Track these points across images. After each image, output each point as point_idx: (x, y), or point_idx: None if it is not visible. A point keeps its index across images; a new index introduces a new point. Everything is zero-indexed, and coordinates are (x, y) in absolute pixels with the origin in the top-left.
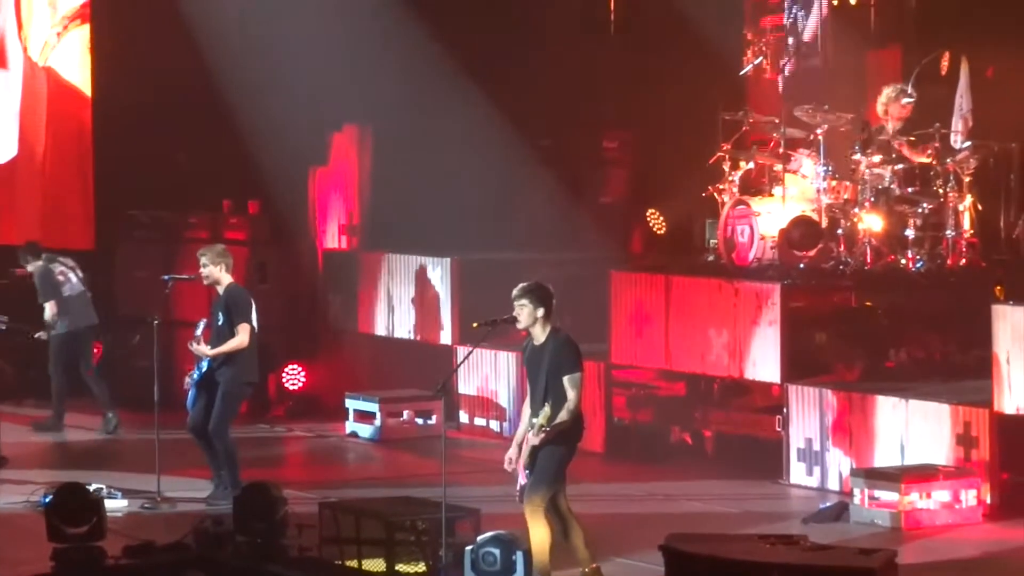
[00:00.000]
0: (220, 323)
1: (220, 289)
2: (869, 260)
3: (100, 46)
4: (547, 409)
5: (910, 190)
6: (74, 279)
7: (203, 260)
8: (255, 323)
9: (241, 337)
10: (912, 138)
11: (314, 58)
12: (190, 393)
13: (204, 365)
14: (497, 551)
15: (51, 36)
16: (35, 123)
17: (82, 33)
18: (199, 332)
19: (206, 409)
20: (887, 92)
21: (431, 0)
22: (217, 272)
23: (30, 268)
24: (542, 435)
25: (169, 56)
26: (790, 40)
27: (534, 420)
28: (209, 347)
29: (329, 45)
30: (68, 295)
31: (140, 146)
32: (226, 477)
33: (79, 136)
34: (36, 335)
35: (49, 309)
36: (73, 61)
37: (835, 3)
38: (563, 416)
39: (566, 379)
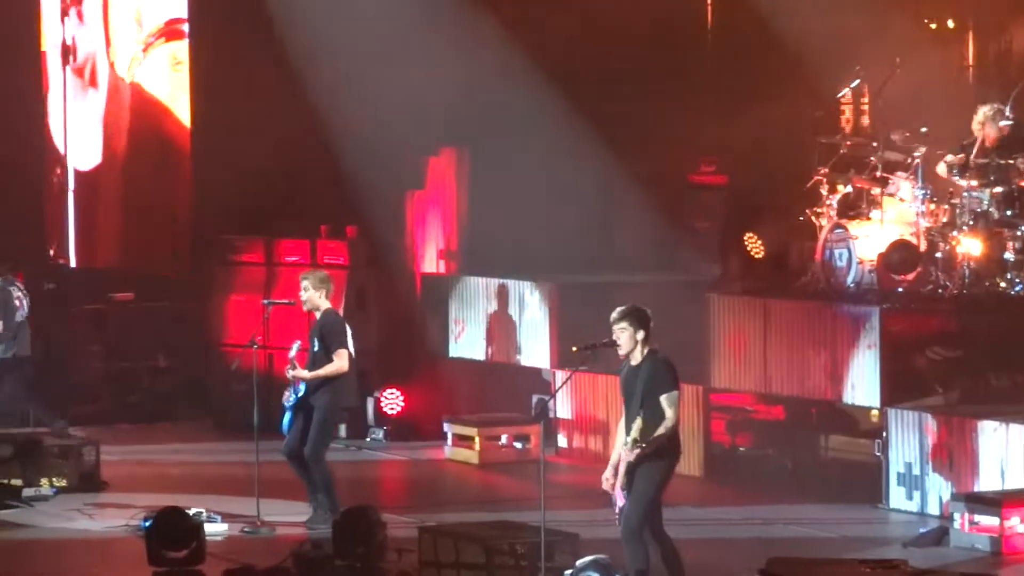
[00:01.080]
0: (316, 349)
1: (317, 314)
2: (968, 284)
3: (198, 72)
4: (639, 422)
5: (1009, 213)
6: (25, 306)
7: (304, 284)
8: (351, 348)
9: (339, 363)
10: (1012, 160)
11: (411, 82)
12: (285, 417)
13: (301, 389)
14: (597, 574)
15: (137, 52)
16: (119, 138)
17: (168, 50)
18: (292, 355)
19: (302, 433)
20: (984, 111)
21: (529, 27)
22: (317, 298)
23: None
24: (637, 450)
25: (266, 81)
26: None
27: (630, 440)
28: (307, 371)
29: (427, 69)
30: (19, 320)
31: (236, 170)
32: (324, 501)
33: (162, 151)
34: None
35: None
36: (159, 77)
37: (932, 27)
38: (659, 433)
39: (663, 397)
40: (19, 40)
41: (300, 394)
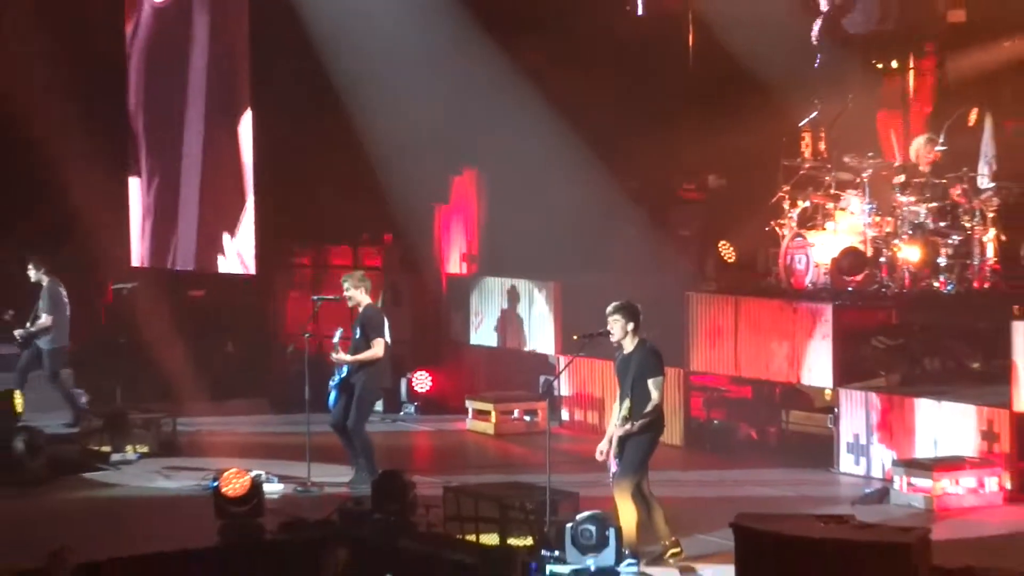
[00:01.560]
0: (357, 337)
1: (359, 308)
2: (907, 284)
3: (262, 103)
4: (628, 403)
5: (942, 224)
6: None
7: (346, 284)
8: (388, 338)
9: (376, 350)
10: (944, 180)
11: (438, 113)
12: (331, 395)
13: (344, 371)
14: (593, 527)
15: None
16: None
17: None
18: (336, 341)
19: (345, 409)
20: (919, 140)
21: (536, 66)
22: (358, 294)
23: (38, 279)
24: (626, 426)
25: (318, 111)
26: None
27: (622, 417)
28: (349, 356)
29: (452, 103)
30: (66, 315)
31: (291, 187)
32: (364, 465)
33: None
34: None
35: (45, 321)
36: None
37: (879, 66)
38: (646, 411)
39: (650, 381)
40: None
41: (343, 375)
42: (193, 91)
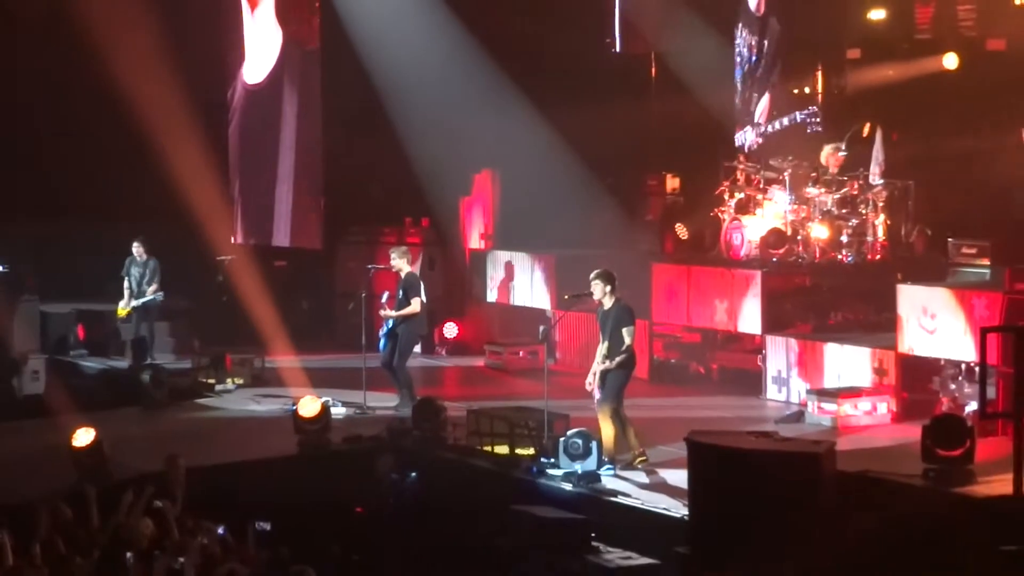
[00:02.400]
0: (400, 296)
1: (402, 274)
2: (817, 256)
3: (329, 112)
4: (607, 347)
5: (844, 211)
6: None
7: (393, 255)
8: (424, 297)
9: (413, 307)
10: (845, 177)
11: (464, 126)
12: (381, 342)
13: (390, 324)
14: (580, 440)
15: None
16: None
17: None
18: (384, 300)
19: (391, 352)
20: (827, 148)
21: (532, 84)
22: (401, 263)
23: (143, 257)
24: (606, 364)
25: (371, 124)
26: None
27: (603, 355)
28: (393, 312)
29: (475, 119)
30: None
31: (351, 182)
32: (406, 395)
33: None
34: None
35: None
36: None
37: (795, 92)
38: (620, 353)
39: (624, 330)
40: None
41: (390, 327)
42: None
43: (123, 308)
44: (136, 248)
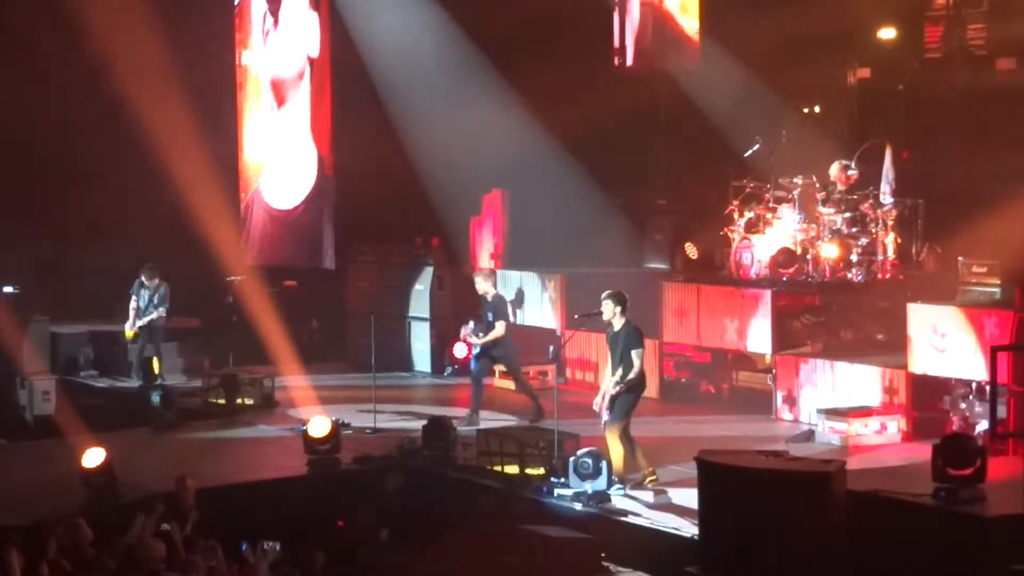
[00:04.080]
0: (490, 319)
1: (488, 297)
2: (827, 275)
3: (336, 128)
4: (619, 370)
5: (854, 230)
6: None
7: (477, 279)
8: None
9: (498, 330)
10: (855, 196)
11: (474, 147)
12: (472, 362)
13: (477, 350)
14: (590, 460)
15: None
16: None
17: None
18: (470, 328)
19: (482, 369)
20: (836, 165)
21: (549, 109)
22: (487, 286)
23: (153, 281)
24: (617, 388)
25: (383, 146)
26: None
27: (612, 379)
28: (481, 339)
29: (485, 140)
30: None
31: (361, 201)
32: (536, 408)
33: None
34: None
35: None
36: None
37: (805, 111)
38: (630, 376)
39: (633, 352)
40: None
41: (477, 352)
42: None
43: (130, 330)
44: (145, 274)
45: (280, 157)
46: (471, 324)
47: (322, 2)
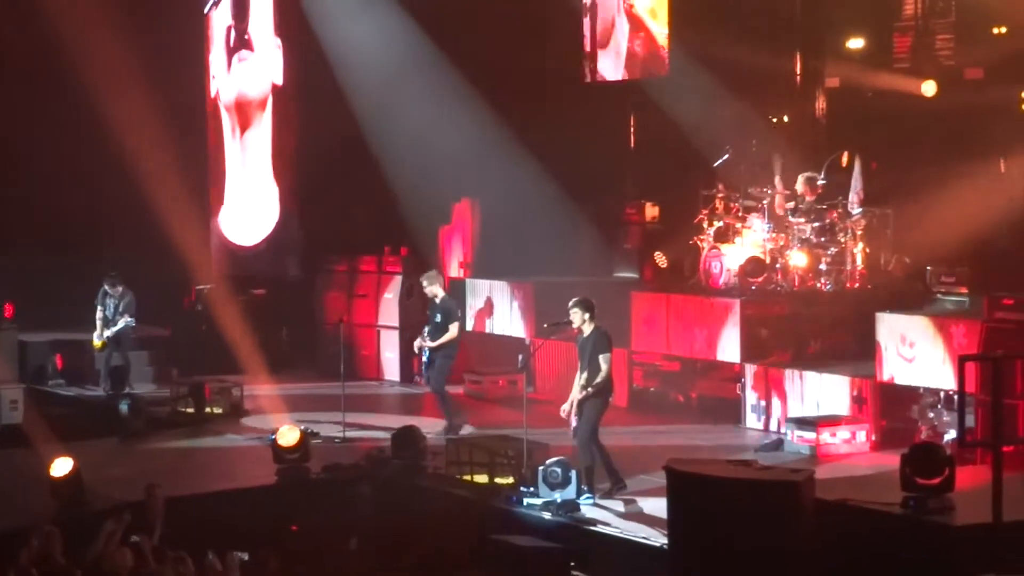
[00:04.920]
0: (439, 322)
1: (436, 300)
2: (796, 284)
3: (307, 141)
4: (586, 375)
5: (823, 239)
6: None
7: (424, 281)
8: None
9: (452, 332)
10: (824, 206)
11: (444, 155)
12: (424, 371)
13: (427, 353)
14: (559, 469)
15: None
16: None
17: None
18: (426, 332)
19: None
20: (804, 176)
21: (518, 118)
22: (434, 288)
23: (116, 289)
24: (583, 393)
25: (352, 155)
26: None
27: (580, 384)
28: (433, 343)
29: (454, 149)
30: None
31: (331, 210)
32: (458, 419)
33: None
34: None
35: (129, 320)
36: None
37: (774, 120)
38: (598, 380)
39: (601, 357)
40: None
41: (427, 356)
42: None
43: (98, 340)
44: (108, 283)
45: (240, 192)
46: (425, 330)
47: (289, 26)
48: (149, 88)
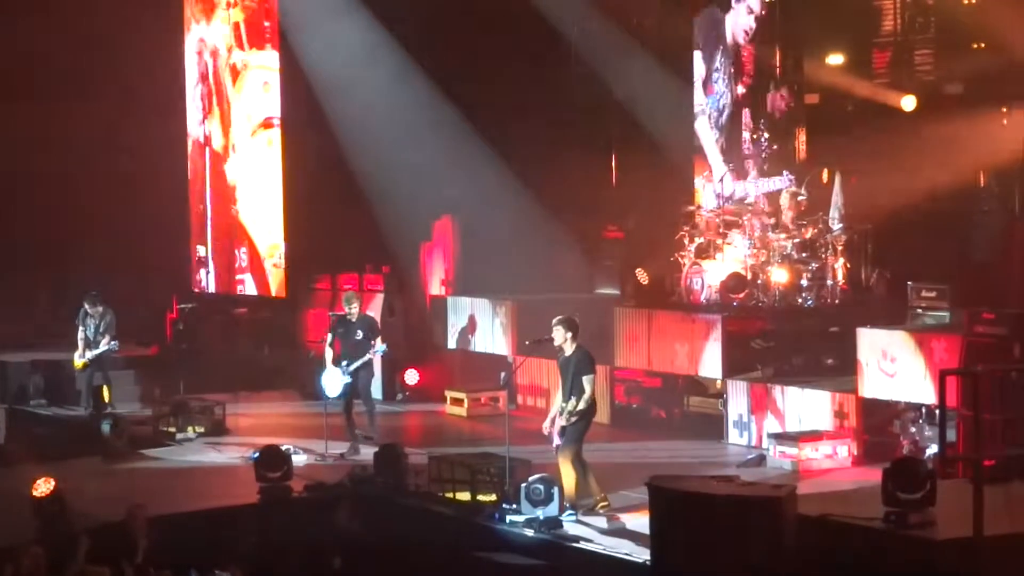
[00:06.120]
0: (361, 339)
1: (352, 319)
2: (777, 300)
3: (290, 159)
4: (572, 403)
5: (803, 255)
6: None
7: (351, 298)
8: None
9: (380, 347)
10: (805, 222)
11: (424, 174)
12: (341, 388)
13: (349, 369)
14: (542, 486)
15: (246, 137)
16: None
17: (267, 136)
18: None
19: (352, 395)
20: (786, 193)
21: (497, 136)
22: (352, 308)
23: (97, 309)
24: (566, 415)
25: (335, 175)
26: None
27: (563, 405)
28: (361, 359)
29: (435, 169)
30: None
31: (312, 228)
32: (365, 434)
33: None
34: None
35: (112, 343)
36: (262, 156)
37: (754, 136)
38: (581, 404)
39: (584, 379)
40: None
41: (349, 371)
42: None
43: (79, 361)
44: (88, 302)
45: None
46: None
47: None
48: (130, 108)
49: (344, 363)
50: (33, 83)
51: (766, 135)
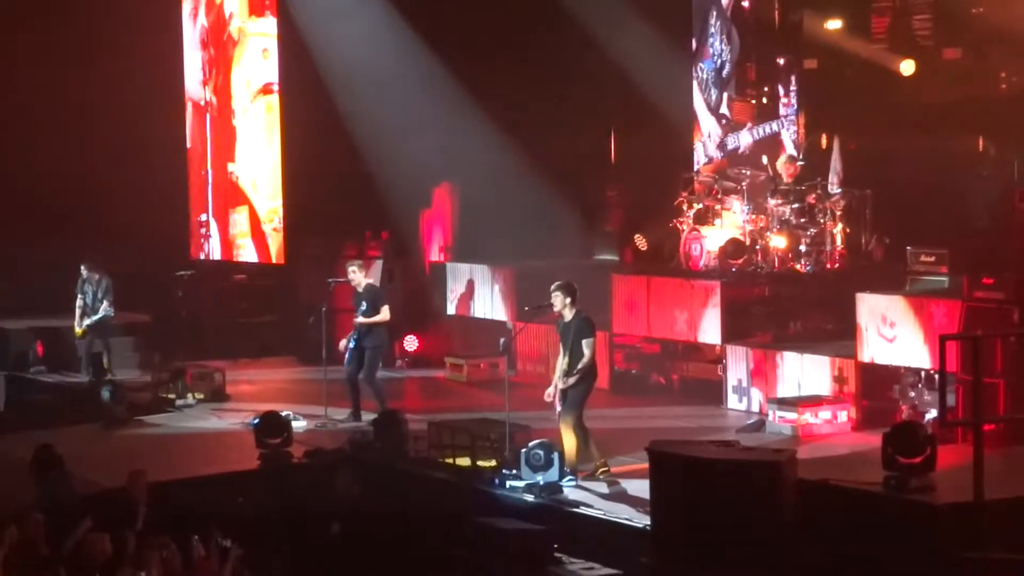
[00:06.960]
0: (366, 308)
1: (360, 288)
2: (776, 266)
3: (289, 128)
4: (568, 360)
5: (802, 220)
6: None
7: (352, 268)
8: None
9: (384, 315)
10: (803, 187)
11: (426, 140)
12: (347, 355)
13: (355, 338)
14: (542, 452)
15: (247, 103)
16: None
17: (266, 101)
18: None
19: (357, 366)
20: (784, 157)
21: (502, 103)
22: (359, 276)
23: (94, 275)
24: (568, 379)
25: (333, 141)
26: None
27: (563, 369)
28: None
29: (434, 133)
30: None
31: (313, 195)
32: (356, 411)
33: (267, 177)
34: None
35: (107, 308)
36: (259, 120)
37: (753, 102)
38: (581, 366)
39: (584, 342)
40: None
41: (355, 340)
42: None
43: (79, 328)
44: (84, 270)
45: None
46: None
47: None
48: (127, 75)
49: (352, 335)
50: (30, 50)
51: (765, 87)
